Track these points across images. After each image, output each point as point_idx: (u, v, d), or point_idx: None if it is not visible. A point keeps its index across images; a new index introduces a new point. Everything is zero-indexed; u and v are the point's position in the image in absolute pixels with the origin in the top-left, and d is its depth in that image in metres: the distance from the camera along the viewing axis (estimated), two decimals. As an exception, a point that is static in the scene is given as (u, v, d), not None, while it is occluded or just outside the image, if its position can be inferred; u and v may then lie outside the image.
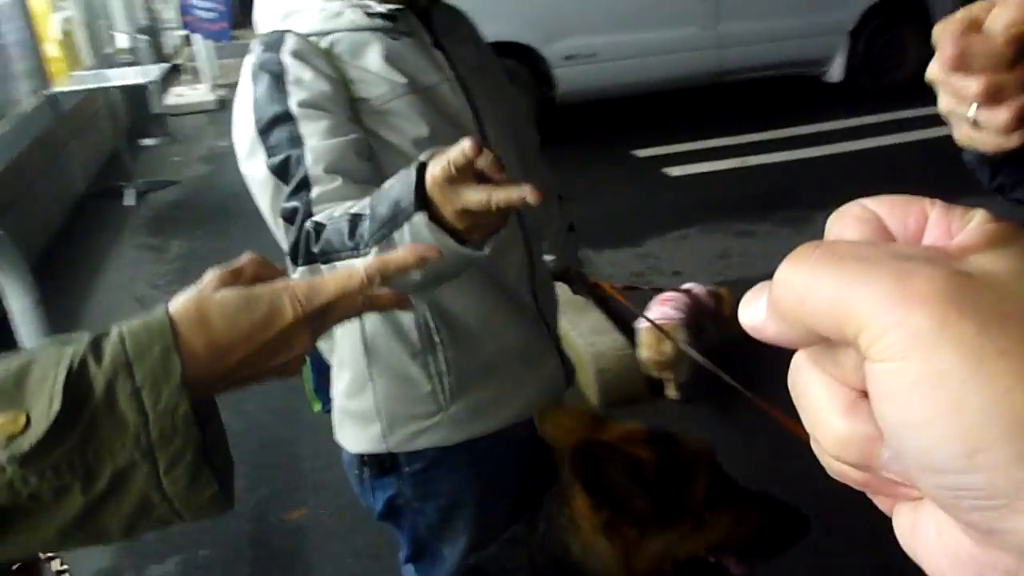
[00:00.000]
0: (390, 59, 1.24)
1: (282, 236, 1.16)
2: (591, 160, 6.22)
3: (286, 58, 1.19)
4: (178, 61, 10.21)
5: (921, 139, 5.77)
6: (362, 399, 1.36)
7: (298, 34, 1.22)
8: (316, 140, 1.13)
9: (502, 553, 1.27)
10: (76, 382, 0.61)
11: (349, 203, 1.06)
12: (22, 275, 2.54)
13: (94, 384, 0.61)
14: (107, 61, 8.27)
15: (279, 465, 2.79)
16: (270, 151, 1.16)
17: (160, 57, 9.01)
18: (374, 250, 1.00)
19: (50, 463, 0.60)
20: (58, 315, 3.30)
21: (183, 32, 9.97)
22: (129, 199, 6.02)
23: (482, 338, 1.34)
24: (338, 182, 1.10)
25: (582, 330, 3.30)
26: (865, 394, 0.24)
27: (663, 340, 2.88)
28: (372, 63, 1.22)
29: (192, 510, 0.64)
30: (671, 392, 3.11)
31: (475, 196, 0.92)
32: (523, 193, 0.89)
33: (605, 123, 7.06)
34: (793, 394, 0.28)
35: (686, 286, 3.34)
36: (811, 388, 0.27)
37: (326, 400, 1.53)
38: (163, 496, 0.63)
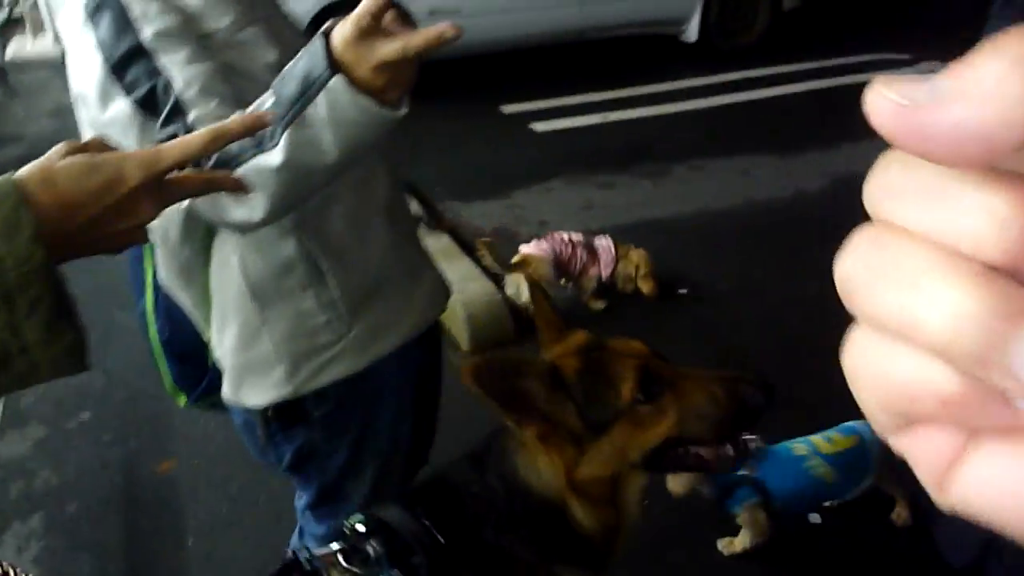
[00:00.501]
0: None
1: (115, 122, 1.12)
2: (458, 115, 6.26)
3: None
4: (16, 11, 9.56)
5: (768, 97, 6.10)
6: (258, 347, 1.32)
7: None
8: (180, 68, 1.09)
9: (461, 472, 1.24)
10: None
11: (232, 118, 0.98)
12: None
13: None
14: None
15: (147, 419, 2.74)
16: (129, 87, 1.10)
17: (-5, 7, 8.42)
18: (283, 137, 0.99)
19: None
20: None
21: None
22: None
23: (365, 259, 1.34)
24: (214, 102, 1.06)
25: (451, 277, 3.34)
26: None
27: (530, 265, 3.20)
28: None
29: (51, 362, 0.67)
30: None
31: (390, 47, 0.92)
32: (441, 30, 0.91)
33: (473, 79, 7.09)
34: (856, 258, 0.22)
35: (575, 235, 3.48)
36: (915, 244, 0.20)
37: (191, 388, 1.51)
38: (22, 346, 0.65)
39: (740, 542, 2.17)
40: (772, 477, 2.06)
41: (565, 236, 3.44)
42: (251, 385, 1.35)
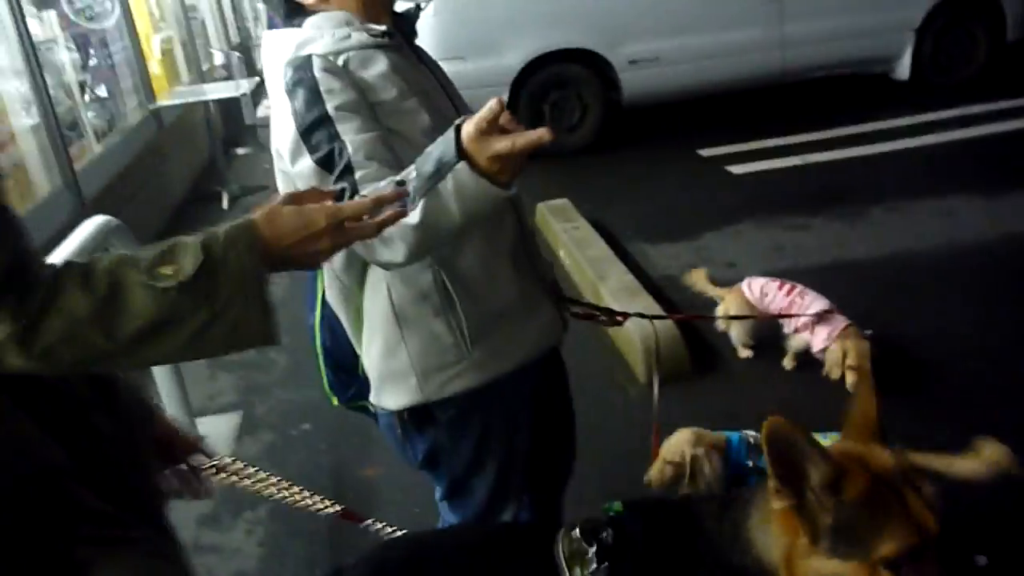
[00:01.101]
0: (395, 70, 1.49)
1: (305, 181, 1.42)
2: (657, 160, 6.46)
3: (318, 73, 1.42)
4: (268, 75, 10.80)
5: (981, 135, 5.83)
6: (397, 359, 1.59)
7: (320, 55, 1.45)
8: (352, 135, 1.38)
9: (708, 506, 1.32)
10: (207, 249, 1.00)
11: (384, 183, 1.31)
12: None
13: (214, 251, 1.00)
14: (203, 77, 8.86)
15: (356, 431, 3.12)
16: (313, 149, 1.39)
17: (251, 71, 9.58)
18: (421, 203, 1.27)
19: (191, 293, 0.97)
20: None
21: (272, 48, 10.56)
22: (225, 203, 6.52)
23: (489, 292, 1.58)
24: (375, 166, 1.36)
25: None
26: None
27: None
28: (382, 73, 1.48)
29: (254, 336, 1.03)
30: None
31: (502, 144, 1.19)
32: (540, 134, 1.18)
33: (672, 124, 7.27)
34: None
35: (814, 296, 3.28)
36: None
37: (342, 395, 1.79)
38: (247, 322, 1.01)
39: None
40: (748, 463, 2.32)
41: (802, 294, 3.28)
42: (390, 391, 1.63)
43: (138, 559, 1.15)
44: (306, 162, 1.42)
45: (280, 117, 1.47)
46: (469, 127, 1.22)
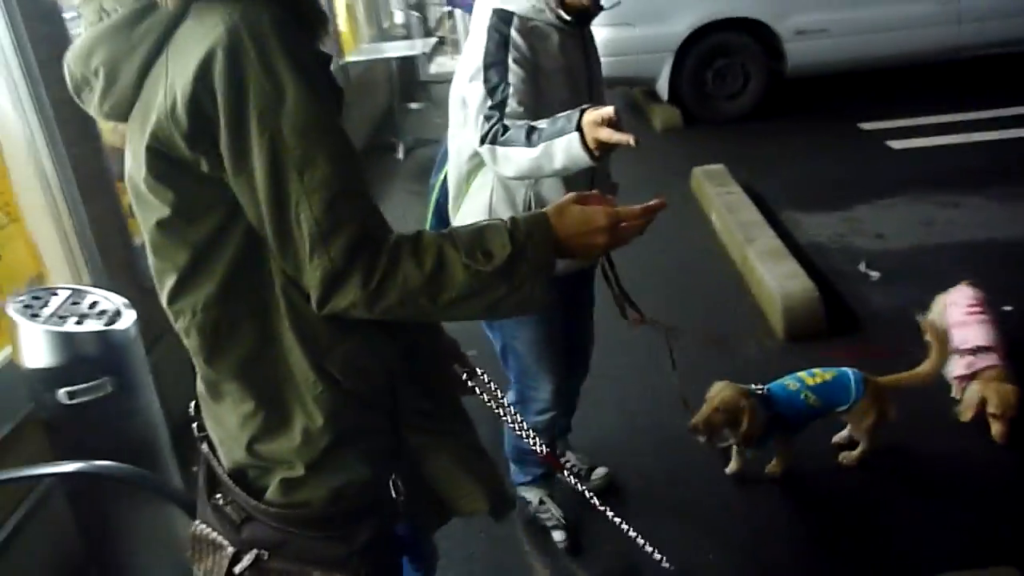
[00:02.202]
0: (561, 49, 2.04)
1: (476, 127, 1.92)
2: (816, 131, 6.53)
3: (512, 31, 1.95)
4: (441, 34, 11.34)
5: None
6: None
7: (519, 15, 1.97)
8: (516, 81, 1.91)
9: None
10: (513, 235, 1.15)
11: (522, 122, 1.85)
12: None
13: (518, 241, 1.14)
14: (384, 35, 9.46)
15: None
16: (487, 79, 1.93)
17: (427, 31, 10.12)
18: (541, 147, 1.76)
19: (499, 275, 1.13)
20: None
21: (447, 8, 11.06)
22: (399, 153, 7.07)
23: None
24: (520, 109, 1.89)
25: (775, 274, 3.79)
26: None
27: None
28: (551, 48, 2.03)
29: (537, 306, 1.20)
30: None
31: (605, 133, 1.64)
32: (630, 138, 1.61)
33: (834, 96, 7.27)
34: None
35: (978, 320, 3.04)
36: None
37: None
38: (533, 297, 1.17)
39: (777, 466, 2.75)
40: (782, 411, 2.62)
41: (978, 322, 3.02)
42: None
43: (455, 448, 1.39)
44: (478, 86, 1.94)
45: (474, 46, 1.99)
46: (590, 115, 1.68)
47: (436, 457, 1.36)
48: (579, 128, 1.68)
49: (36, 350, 2.14)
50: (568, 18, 2.02)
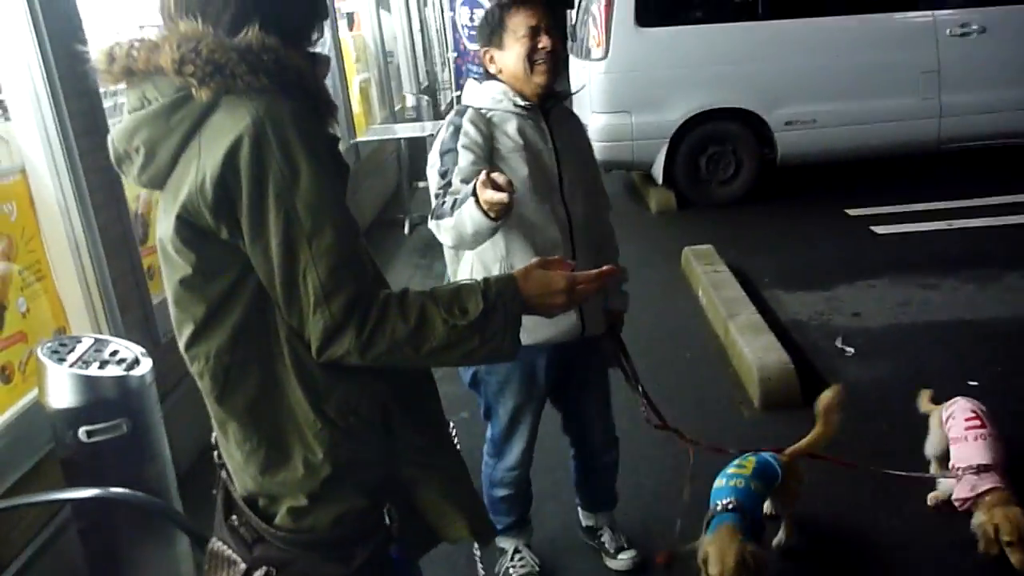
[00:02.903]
0: (520, 131, 2.33)
1: (435, 200, 2.20)
2: (804, 216, 6.80)
3: (464, 121, 2.28)
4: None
5: None
6: None
7: (475, 108, 2.32)
8: (463, 164, 2.21)
9: None
10: (485, 294, 1.32)
11: (450, 197, 2.11)
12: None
13: (490, 296, 1.31)
14: (395, 116, 9.87)
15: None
16: (440, 165, 2.25)
17: (436, 113, 10.54)
18: (455, 214, 2.03)
19: (473, 329, 1.29)
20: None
21: (457, 93, 11.54)
22: (406, 229, 7.37)
23: None
24: (463, 187, 2.11)
25: (754, 347, 4.00)
26: None
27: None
28: (510, 131, 2.32)
29: (504, 356, 1.36)
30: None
31: (487, 195, 1.82)
32: (503, 196, 1.79)
33: (823, 182, 7.58)
34: None
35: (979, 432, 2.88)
36: None
37: None
38: (502, 348, 1.33)
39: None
40: (751, 511, 2.59)
41: (980, 436, 2.85)
42: None
43: (443, 480, 1.49)
44: (433, 172, 2.26)
45: (438, 138, 2.33)
46: (479, 178, 1.88)
47: (426, 488, 1.48)
48: (476, 197, 1.90)
49: (60, 391, 2.36)
50: (524, 104, 2.33)
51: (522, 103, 2.33)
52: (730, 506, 2.56)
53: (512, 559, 2.79)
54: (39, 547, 2.55)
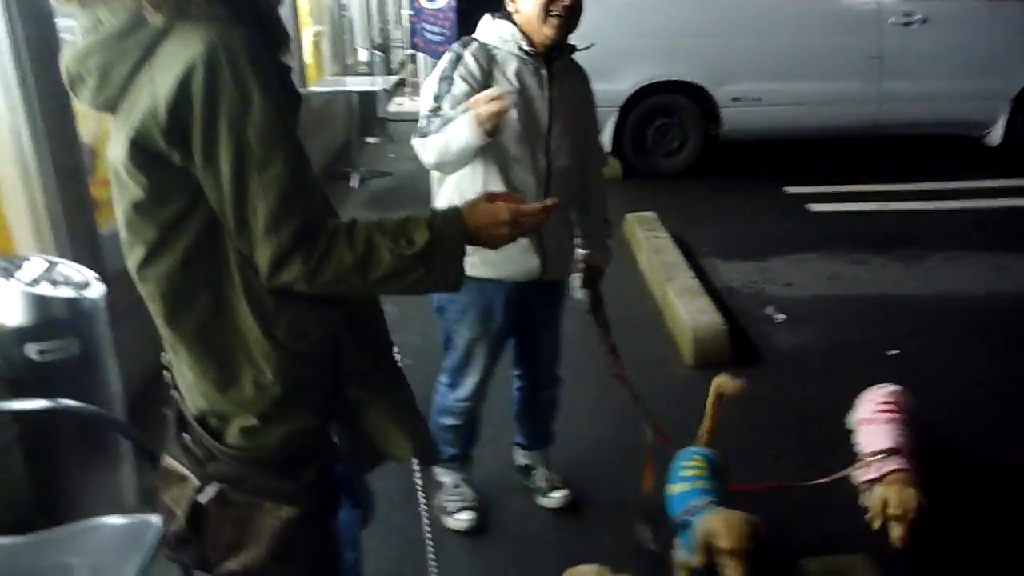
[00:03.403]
0: (517, 75, 2.38)
1: (423, 119, 2.35)
2: (744, 191, 7.01)
3: (466, 52, 2.37)
4: (402, 76, 11.73)
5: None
6: None
7: (480, 42, 2.41)
8: (456, 92, 2.34)
9: None
10: (431, 225, 1.36)
11: (440, 119, 2.31)
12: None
13: (436, 226, 1.36)
14: (347, 70, 9.80)
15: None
16: (437, 89, 2.36)
17: (389, 71, 10.49)
18: (445, 130, 2.24)
19: (419, 259, 1.34)
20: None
21: (410, 51, 11.46)
22: (353, 182, 7.37)
23: None
24: (452, 113, 2.29)
25: (689, 309, 4.16)
26: None
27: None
28: (508, 72, 2.38)
29: (449, 286, 1.40)
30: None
31: (487, 107, 2.12)
32: (504, 103, 2.13)
33: (764, 160, 7.80)
34: None
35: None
36: None
37: None
38: (447, 278, 1.39)
39: None
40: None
41: (888, 423, 2.83)
42: None
43: (389, 404, 1.54)
44: (429, 94, 2.38)
45: (440, 63, 2.42)
46: (479, 95, 2.20)
47: (372, 409, 1.52)
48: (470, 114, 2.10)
49: (10, 309, 2.38)
50: (528, 49, 2.38)
51: (527, 48, 2.38)
52: (713, 503, 2.41)
53: (450, 493, 2.89)
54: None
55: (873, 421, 2.86)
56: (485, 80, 2.36)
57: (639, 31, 7.10)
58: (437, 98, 2.35)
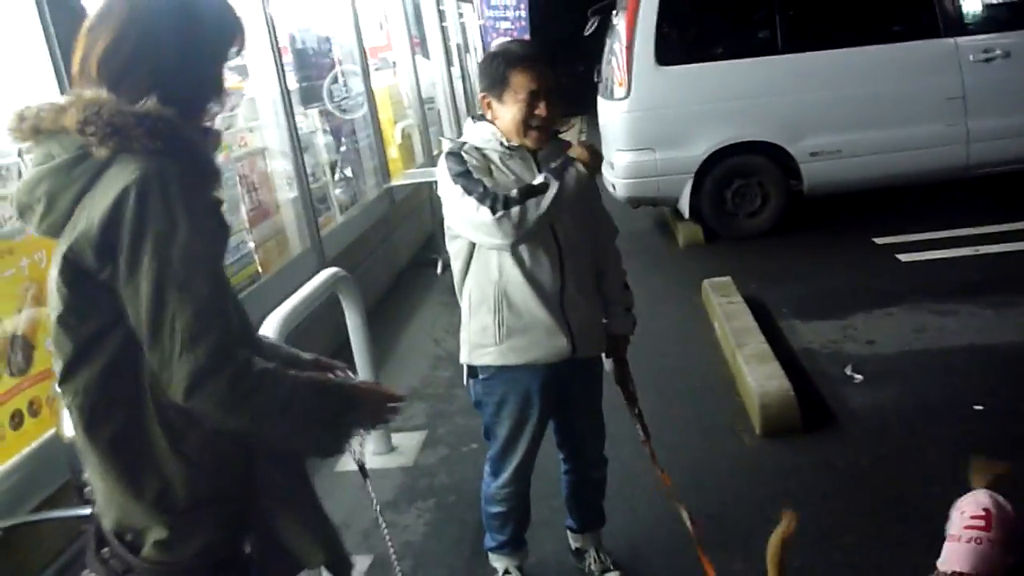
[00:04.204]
0: (507, 166, 2.50)
1: (475, 214, 2.34)
2: (831, 246, 6.83)
3: (463, 151, 2.48)
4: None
5: None
6: (466, 331, 2.64)
7: (470, 143, 2.52)
8: (486, 180, 2.41)
9: None
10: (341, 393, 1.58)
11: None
12: (358, 304, 3.88)
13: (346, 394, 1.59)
14: (433, 161, 10.16)
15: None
16: (461, 186, 2.38)
17: (475, 156, 10.79)
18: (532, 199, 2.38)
19: (329, 420, 1.53)
20: (380, 347, 4.66)
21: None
22: (438, 269, 7.58)
23: (523, 313, 2.53)
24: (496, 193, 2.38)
25: (757, 375, 4.07)
26: None
27: None
28: (499, 165, 2.50)
29: (325, 452, 1.59)
30: None
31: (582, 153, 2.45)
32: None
33: (852, 211, 7.59)
34: None
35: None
36: None
37: None
38: (328, 444, 1.57)
39: None
40: None
41: (976, 540, 2.50)
42: (462, 350, 2.68)
43: (301, 511, 1.62)
44: (454, 195, 2.40)
45: (441, 169, 2.50)
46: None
47: (285, 519, 1.59)
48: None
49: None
50: (509, 145, 2.50)
51: (507, 144, 2.50)
52: None
53: None
54: (57, 570, 2.76)
55: (957, 539, 2.55)
56: (489, 170, 2.46)
57: (706, 96, 7.11)
58: (469, 183, 2.38)
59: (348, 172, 7.37)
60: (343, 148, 7.36)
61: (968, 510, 2.65)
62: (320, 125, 6.90)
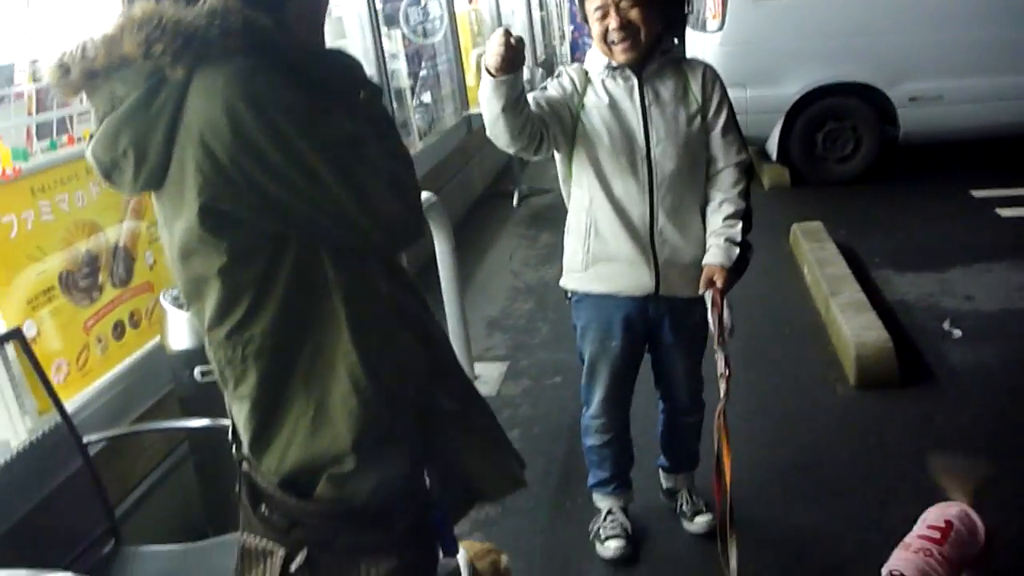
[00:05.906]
0: (607, 89, 2.44)
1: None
2: (925, 197, 6.56)
3: (567, 69, 2.53)
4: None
5: None
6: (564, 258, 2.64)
7: (582, 66, 2.51)
8: (544, 92, 2.47)
9: None
10: None
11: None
12: (447, 229, 3.84)
13: None
14: (510, 89, 10.00)
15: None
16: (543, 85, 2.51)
17: (552, 87, 10.60)
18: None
19: None
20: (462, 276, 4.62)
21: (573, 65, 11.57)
22: (514, 200, 7.50)
23: (608, 241, 2.49)
24: (533, 104, 2.37)
25: (853, 325, 3.94)
26: None
27: None
28: (599, 89, 2.45)
29: None
30: None
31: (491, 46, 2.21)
32: (501, 46, 2.16)
33: (948, 162, 7.28)
34: None
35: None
36: None
37: None
38: None
39: None
40: None
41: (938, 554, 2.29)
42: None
43: (480, 443, 1.52)
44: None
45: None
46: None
47: (463, 450, 1.48)
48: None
49: (179, 335, 2.59)
50: (613, 64, 2.43)
51: (609, 64, 2.43)
52: None
53: (605, 519, 2.85)
54: (159, 476, 2.81)
55: (907, 547, 2.36)
56: (574, 95, 2.45)
57: (803, 32, 6.81)
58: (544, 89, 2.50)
59: (427, 98, 7.27)
60: (422, 73, 7.25)
61: (929, 519, 2.46)
62: (401, 48, 6.78)
